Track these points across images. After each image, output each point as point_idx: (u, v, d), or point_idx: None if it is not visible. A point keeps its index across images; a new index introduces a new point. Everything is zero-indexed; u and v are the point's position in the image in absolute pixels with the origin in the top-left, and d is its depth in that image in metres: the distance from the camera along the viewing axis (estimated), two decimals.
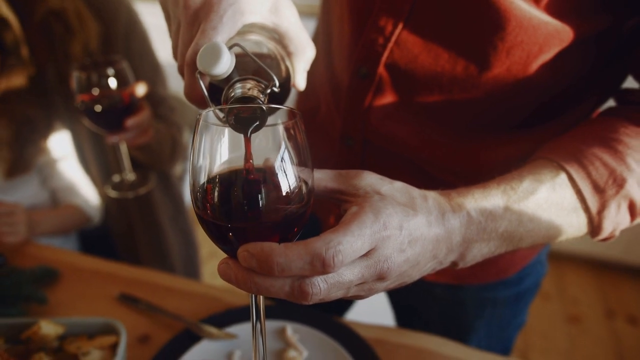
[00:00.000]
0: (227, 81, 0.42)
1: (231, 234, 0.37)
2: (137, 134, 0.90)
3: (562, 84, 0.56)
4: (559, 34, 0.50)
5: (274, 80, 0.42)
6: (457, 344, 0.69)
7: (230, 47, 0.41)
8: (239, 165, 0.38)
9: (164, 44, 0.49)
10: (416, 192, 0.43)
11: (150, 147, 1.04)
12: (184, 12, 0.43)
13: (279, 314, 0.71)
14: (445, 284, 0.75)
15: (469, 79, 0.55)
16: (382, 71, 0.58)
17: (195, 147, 0.37)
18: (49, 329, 0.60)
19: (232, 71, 0.41)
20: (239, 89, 0.41)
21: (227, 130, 0.37)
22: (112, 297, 0.79)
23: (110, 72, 0.83)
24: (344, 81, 0.63)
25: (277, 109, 0.40)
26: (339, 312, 0.94)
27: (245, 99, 0.40)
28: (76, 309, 0.77)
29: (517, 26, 0.49)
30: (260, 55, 0.44)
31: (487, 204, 0.45)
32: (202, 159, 0.37)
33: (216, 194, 0.37)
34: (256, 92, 0.41)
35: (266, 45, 0.46)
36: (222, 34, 0.41)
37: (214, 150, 0.37)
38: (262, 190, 0.37)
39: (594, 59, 0.54)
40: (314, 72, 0.71)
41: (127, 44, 1.05)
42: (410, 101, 0.60)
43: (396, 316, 0.89)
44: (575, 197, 0.48)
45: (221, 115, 0.39)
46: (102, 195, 1.21)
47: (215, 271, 0.39)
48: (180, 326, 0.71)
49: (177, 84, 0.47)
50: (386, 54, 0.57)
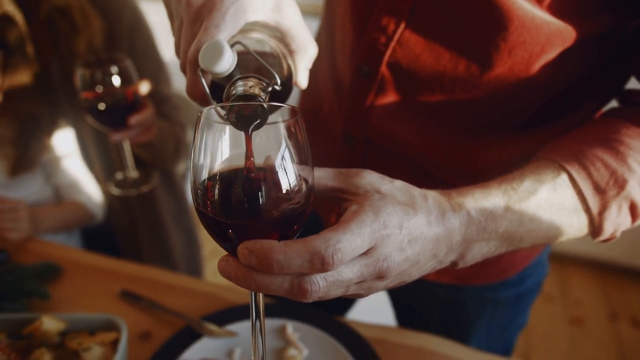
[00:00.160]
0: (229, 79, 0.42)
1: (231, 231, 0.37)
2: (140, 131, 0.91)
3: (564, 84, 0.56)
4: (561, 34, 0.50)
5: (276, 78, 0.42)
6: (457, 344, 0.69)
7: (232, 45, 0.41)
8: (239, 162, 0.38)
9: (168, 42, 0.49)
10: (416, 191, 0.44)
11: (153, 145, 1.05)
12: (187, 9, 0.43)
13: (279, 312, 0.71)
14: (446, 284, 0.75)
15: (471, 78, 0.55)
16: (384, 70, 0.59)
17: (196, 144, 0.37)
18: (50, 324, 0.60)
19: (234, 69, 0.41)
20: (240, 87, 0.41)
21: (228, 127, 0.37)
22: (114, 293, 0.79)
23: (114, 69, 0.84)
24: (346, 80, 0.64)
25: (278, 107, 0.40)
26: (340, 311, 0.94)
27: (246, 96, 0.40)
28: (78, 305, 0.77)
29: (519, 26, 0.49)
30: (262, 53, 0.44)
31: (488, 203, 0.45)
32: (203, 156, 0.37)
33: (216, 191, 0.37)
34: (257, 90, 0.41)
35: (268, 43, 0.46)
36: (224, 32, 0.41)
37: (215, 147, 0.37)
38: (262, 187, 0.37)
39: (597, 60, 0.54)
40: (316, 71, 0.71)
41: (131, 42, 1.06)
42: (412, 101, 0.60)
43: (397, 316, 0.89)
44: (576, 198, 0.48)
45: (222, 112, 0.39)
46: (105, 192, 1.21)
47: (217, 269, 0.39)
48: (181, 323, 0.72)
49: (181, 83, 0.47)
50: (388, 53, 0.57)
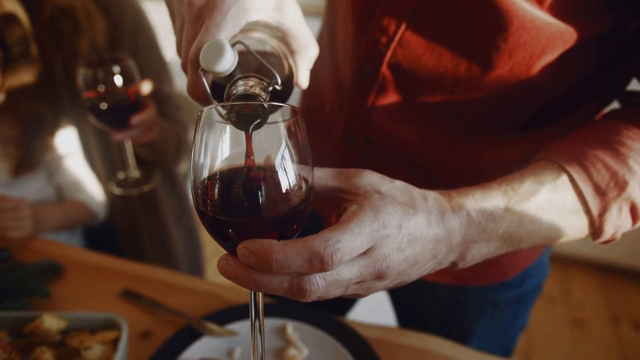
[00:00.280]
0: (230, 78, 0.42)
1: (231, 230, 0.37)
2: (142, 131, 0.91)
3: (565, 85, 0.56)
4: (562, 35, 0.50)
5: (276, 78, 0.42)
6: (457, 345, 0.69)
7: (233, 45, 0.41)
8: (240, 162, 0.38)
9: (170, 41, 0.49)
10: (416, 191, 0.44)
11: (155, 145, 1.05)
12: (188, 9, 0.43)
13: (279, 312, 0.71)
14: (445, 285, 0.75)
15: (472, 79, 0.55)
16: (385, 71, 0.59)
17: (196, 143, 0.37)
18: (51, 323, 0.61)
19: (235, 69, 0.41)
20: (241, 87, 0.41)
21: (228, 127, 0.37)
22: (115, 292, 0.79)
23: (116, 69, 0.84)
24: (347, 80, 0.64)
25: (278, 107, 0.40)
26: (341, 311, 0.94)
27: (247, 96, 0.41)
28: (79, 304, 0.78)
29: (519, 27, 0.49)
30: (263, 53, 0.45)
31: (488, 204, 0.45)
32: (203, 155, 0.37)
33: (216, 190, 0.37)
34: (258, 90, 0.41)
35: (269, 43, 0.46)
36: (226, 32, 0.41)
37: (215, 146, 0.37)
38: (262, 187, 0.37)
39: (598, 61, 0.54)
40: (318, 71, 0.71)
41: (134, 42, 1.06)
42: (412, 101, 0.60)
43: (397, 316, 0.89)
44: (576, 199, 0.48)
45: (223, 112, 0.40)
46: (107, 191, 1.22)
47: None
48: (181, 322, 0.72)
49: (184, 82, 0.47)
50: (389, 53, 0.57)
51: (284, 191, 0.37)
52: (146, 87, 0.90)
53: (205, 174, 0.37)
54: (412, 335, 0.70)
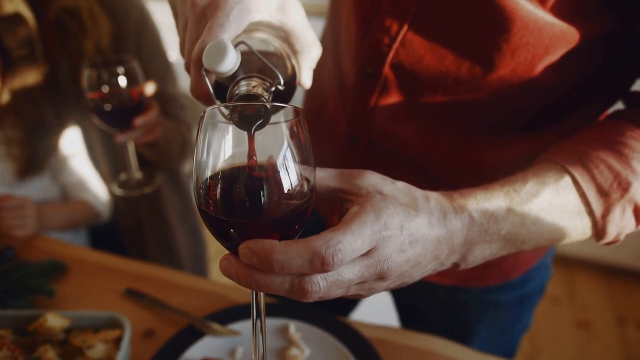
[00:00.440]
0: (233, 79, 0.42)
1: (233, 230, 0.38)
2: (144, 132, 0.91)
3: (568, 85, 0.55)
4: (564, 35, 0.50)
5: (279, 78, 0.42)
6: (460, 346, 0.68)
7: (236, 45, 0.41)
8: (242, 162, 0.38)
9: (174, 42, 0.49)
10: (418, 192, 0.44)
11: (159, 145, 1.05)
12: (192, 9, 0.43)
13: (282, 311, 0.71)
14: (447, 286, 0.75)
15: (474, 80, 0.55)
16: (387, 71, 0.59)
17: (199, 143, 0.38)
18: (55, 321, 0.61)
19: (238, 69, 0.42)
20: (243, 87, 0.41)
21: (231, 127, 0.37)
22: (119, 291, 0.80)
23: (120, 70, 0.84)
24: (350, 80, 0.64)
25: (281, 107, 0.40)
26: (344, 312, 0.94)
27: (249, 96, 0.41)
28: (83, 303, 0.78)
29: (522, 27, 0.49)
30: (266, 53, 0.45)
31: (490, 205, 0.45)
32: (205, 155, 0.37)
33: (219, 190, 0.37)
34: (261, 90, 0.41)
35: (272, 43, 0.46)
36: (229, 32, 0.41)
37: (217, 147, 0.37)
38: (264, 187, 0.37)
39: (600, 61, 0.54)
40: (321, 71, 0.71)
41: (138, 42, 1.07)
42: (415, 101, 0.60)
43: (399, 317, 0.89)
44: (579, 200, 0.48)
45: (226, 112, 0.40)
46: (111, 191, 1.22)
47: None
48: (184, 322, 0.72)
49: (188, 82, 0.47)
50: (392, 54, 0.57)
51: (286, 192, 0.37)
52: (150, 89, 0.90)
53: (207, 174, 0.37)
54: (414, 335, 0.70)
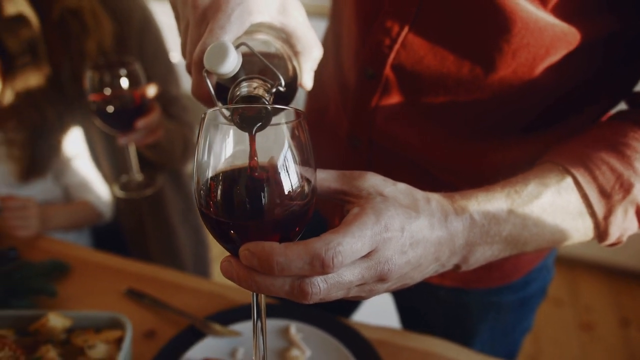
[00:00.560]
0: (234, 80, 0.42)
1: (233, 232, 0.38)
2: (145, 134, 0.91)
3: (569, 86, 0.55)
4: (565, 36, 0.50)
5: (280, 79, 0.42)
6: (461, 347, 0.68)
7: (237, 47, 0.41)
8: (243, 163, 0.38)
9: (177, 43, 0.50)
10: (419, 194, 0.43)
11: (161, 146, 1.05)
12: (193, 11, 0.43)
13: (283, 312, 0.71)
14: (449, 287, 0.75)
15: (475, 81, 0.54)
16: (388, 72, 0.59)
17: (200, 145, 0.38)
18: (56, 321, 0.61)
19: (239, 70, 0.42)
20: (244, 88, 0.41)
21: (232, 129, 0.37)
22: (121, 292, 0.80)
23: (122, 72, 0.84)
24: (351, 81, 0.64)
25: (282, 109, 0.40)
26: (345, 313, 0.94)
27: (250, 98, 0.41)
28: (85, 303, 0.78)
29: (522, 28, 0.49)
30: (267, 54, 0.45)
31: (491, 207, 0.45)
32: (206, 157, 0.37)
33: (219, 191, 0.37)
34: (262, 92, 0.41)
35: (274, 44, 0.46)
36: (230, 34, 0.41)
37: (218, 148, 0.37)
38: (265, 188, 0.37)
39: (602, 62, 0.54)
40: (323, 72, 0.71)
41: (141, 43, 1.07)
42: (416, 103, 0.60)
43: (401, 318, 0.89)
44: (581, 202, 0.48)
45: (227, 114, 0.40)
46: (113, 192, 1.22)
47: None
48: (186, 322, 0.72)
49: (189, 83, 0.48)
50: (392, 55, 0.57)
51: (286, 193, 0.37)
52: (151, 90, 0.91)
53: (208, 176, 0.37)
54: (415, 337, 0.70)
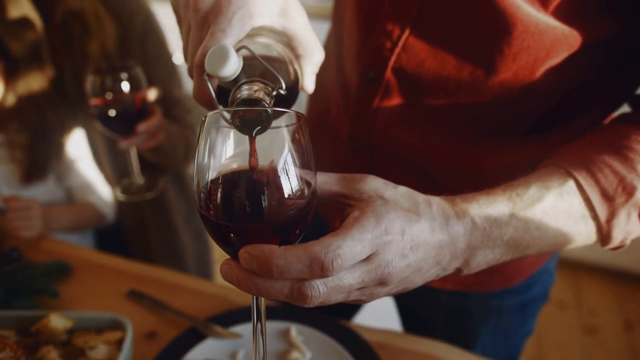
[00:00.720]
0: (235, 83, 0.43)
1: (233, 235, 0.38)
2: (147, 137, 0.91)
3: (570, 89, 0.55)
4: (566, 38, 0.49)
5: (280, 82, 0.42)
6: (462, 351, 0.68)
7: (237, 50, 0.41)
8: (243, 166, 0.38)
9: (180, 44, 0.50)
10: (420, 197, 0.43)
11: (162, 149, 1.05)
12: (194, 15, 0.43)
13: (283, 314, 0.71)
14: (450, 290, 0.74)
15: (476, 83, 0.54)
16: (389, 75, 0.59)
17: (200, 147, 0.38)
18: (58, 322, 0.61)
19: (240, 73, 0.42)
20: (245, 91, 0.42)
21: (232, 132, 0.37)
22: (123, 293, 0.80)
23: (123, 76, 0.84)
24: (353, 84, 0.64)
25: (282, 112, 0.40)
26: (346, 315, 0.94)
27: (251, 101, 0.41)
28: (87, 304, 0.78)
29: (523, 31, 0.49)
30: (268, 58, 0.45)
31: (492, 210, 0.45)
32: (207, 160, 0.37)
33: (219, 194, 0.37)
34: (262, 95, 0.41)
35: (275, 48, 0.46)
36: (231, 37, 0.41)
37: (219, 151, 0.37)
38: (265, 191, 0.37)
39: (603, 64, 0.54)
40: (325, 75, 0.71)
41: (143, 45, 1.07)
42: (417, 105, 0.60)
43: (402, 321, 0.89)
44: (583, 205, 0.47)
45: (227, 116, 0.40)
46: (115, 195, 1.23)
47: None
48: (187, 324, 0.72)
49: (192, 86, 0.48)
50: (393, 58, 0.57)
51: (286, 196, 0.37)
52: (152, 94, 0.91)
53: (208, 179, 0.37)
54: (416, 340, 0.70)
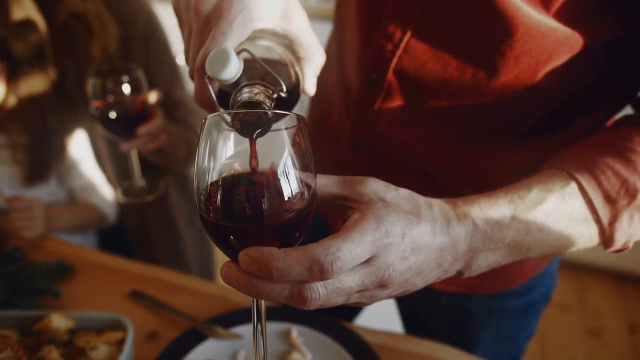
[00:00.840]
0: (236, 86, 0.43)
1: (233, 237, 0.38)
2: (147, 140, 0.92)
3: (572, 91, 0.55)
4: (568, 41, 0.49)
5: (281, 85, 0.42)
6: (463, 353, 0.68)
7: (238, 53, 0.41)
8: (243, 169, 0.38)
9: (182, 46, 0.50)
10: (421, 199, 0.43)
11: (164, 151, 1.05)
12: (196, 18, 0.43)
13: (284, 316, 0.71)
14: (451, 293, 0.74)
15: (477, 86, 0.54)
16: (391, 78, 0.58)
17: (200, 150, 0.38)
18: (59, 322, 0.61)
19: (241, 76, 0.42)
20: (245, 94, 0.42)
21: (232, 134, 0.37)
22: (124, 293, 0.80)
23: (124, 79, 0.85)
24: (354, 87, 0.64)
25: (283, 115, 0.40)
26: (348, 317, 0.94)
27: (251, 103, 0.41)
28: (89, 304, 0.79)
29: (525, 33, 0.49)
30: (269, 60, 0.45)
31: (494, 212, 0.45)
32: (207, 162, 0.37)
33: (219, 197, 0.37)
34: (262, 97, 0.41)
35: (276, 50, 0.46)
36: (232, 40, 0.41)
37: (218, 154, 0.37)
38: (264, 194, 0.37)
39: (605, 66, 0.53)
40: (326, 77, 0.71)
41: (146, 47, 1.07)
42: (418, 107, 0.60)
43: (403, 322, 0.89)
44: (585, 207, 0.47)
45: (228, 119, 0.40)
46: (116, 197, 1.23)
47: None
48: (188, 324, 0.72)
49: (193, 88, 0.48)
50: (395, 60, 0.57)
51: (286, 199, 0.37)
52: (153, 97, 0.91)
53: (208, 181, 0.37)
54: (417, 341, 0.70)
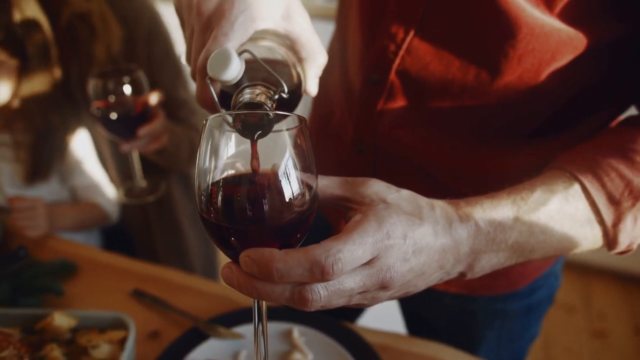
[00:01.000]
0: (237, 87, 0.43)
1: (233, 238, 0.38)
2: (149, 141, 0.92)
3: (575, 91, 0.54)
4: (571, 41, 0.49)
5: (283, 86, 0.42)
6: (466, 354, 0.68)
7: (240, 54, 0.41)
8: (244, 170, 0.38)
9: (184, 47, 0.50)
10: (423, 201, 0.43)
11: (166, 151, 1.05)
12: (197, 18, 0.43)
13: (285, 316, 0.71)
14: (454, 294, 0.74)
15: (480, 86, 0.54)
16: (393, 78, 0.58)
17: (201, 150, 0.38)
18: (62, 320, 0.62)
19: (242, 77, 0.42)
20: (247, 95, 0.41)
21: (233, 135, 0.37)
22: (127, 292, 0.81)
23: (126, 80, 0.85)
24: (357, 87, 0.63)
25: (284, 116, 0.40)
26: (350, 317, 0.94)
27: (253, 104, 0.41)
28: (91, 303, 0.79)
29: (528, 34, 0.49)
30: (271, 61, 0.45)
31: (496, 214, 0.45)
32: (208, 163, 0.37)
33: (220, 198, 0.37)
34: (264, 98, 0.41)
35: (278, 51, 0.46)
36: (233, 41, 0.41)
37: (220, 154, 0.37)
38: (265, 195, 0.37)
39: (609, 66, 0.53)
40: (328, 78, 0.71)
41: (149, 47, 1.07)
42: (421, 108, 0.60)
43: (406, 323, 0.89)
44: (589, 209, 0.47)
45: (229, 120, 0.40)
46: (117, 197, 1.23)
47: None
48: (190, 324, 0.72)
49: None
50: (397, 61, 0.57)
51: (287, 200, 0.37)
52: (154, 98, 0.91)
53: (209, 182, 0.37)
54: (419, 342, 0.69)
